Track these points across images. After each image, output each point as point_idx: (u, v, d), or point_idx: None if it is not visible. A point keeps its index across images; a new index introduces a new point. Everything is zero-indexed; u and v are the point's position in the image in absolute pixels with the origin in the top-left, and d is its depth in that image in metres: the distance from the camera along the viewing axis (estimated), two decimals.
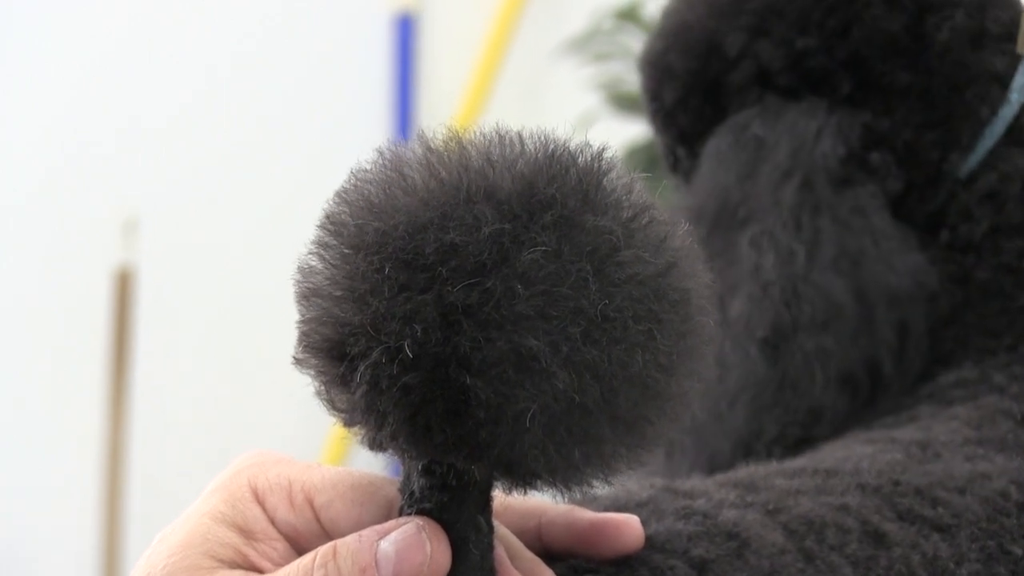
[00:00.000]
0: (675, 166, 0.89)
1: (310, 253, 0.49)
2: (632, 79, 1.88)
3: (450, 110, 2.39)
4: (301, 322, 0.48)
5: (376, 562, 0.50)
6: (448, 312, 0.46)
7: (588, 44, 2.18)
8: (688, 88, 0.86)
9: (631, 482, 0.61)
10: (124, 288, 2.33)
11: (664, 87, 0.87)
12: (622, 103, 2.06)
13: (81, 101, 2.43)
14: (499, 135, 0.49)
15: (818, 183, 0.80)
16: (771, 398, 0.77)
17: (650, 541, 0.56)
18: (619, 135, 1.93)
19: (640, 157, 1.86)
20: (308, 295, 0.48)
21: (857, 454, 0.66)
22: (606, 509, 0.58)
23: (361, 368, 0.46)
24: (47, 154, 2.43)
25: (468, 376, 0.46)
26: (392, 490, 0.53)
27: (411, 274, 0.46)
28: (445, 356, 0.46)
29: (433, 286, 0.46)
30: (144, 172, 2.45)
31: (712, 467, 0.75)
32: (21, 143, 2.42)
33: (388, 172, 0.49)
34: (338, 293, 0.47)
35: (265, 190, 2.48)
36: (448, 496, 0.50)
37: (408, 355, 0.46)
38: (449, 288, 0.46)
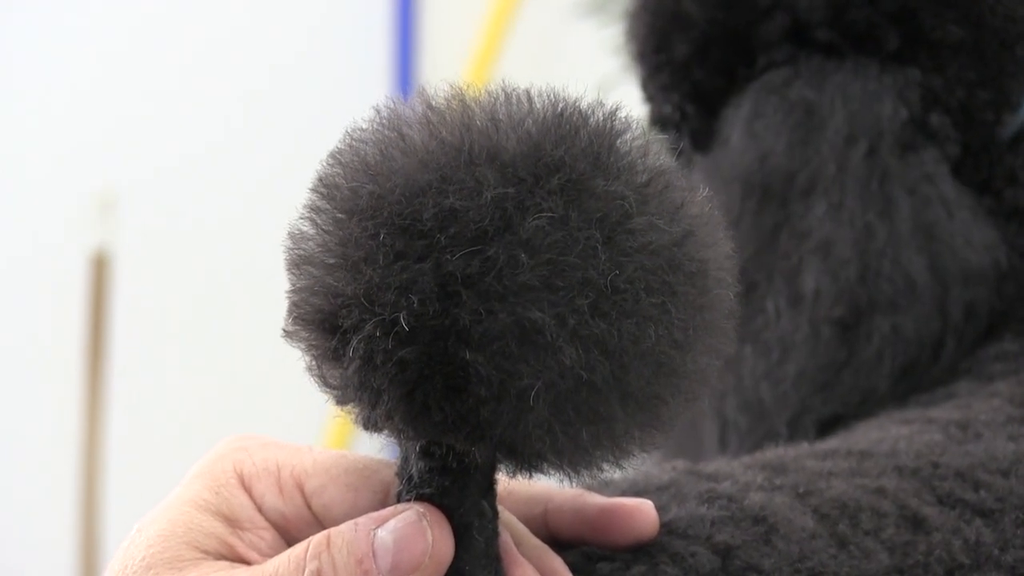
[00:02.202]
0: (678, 125, 0.89)
1: (301, 218, 0.50)
2: None
3: (455, 75, 2.39)
4: (291, 292, 0.50)
5: (373, 552, 0.51)
6: (447, 282, 0.47)
7: (608, 3, 2.18)
8: (708, 40, 0.86)
9: (652, 464, 0.62)
10: (100, 273, 2.35)
11: (674, 37, 0.87)
12: None
13: (54, 69, 2.44)
14: (505, 93, 0.50)
15: (883, 149, 0.81)
16: (832, 378, 0.78)
17: (671, 526, 0.57)
18: (641, 102, 1.94)
19: None
20: (299, 263, 0.49)
21: (893, 435, 0.68)
22: (623, 493, 0.59)
23: (354, 342, 0.48)
24: (16, 126, 2.44)
25: (468, 351, 0.47)
26: (389, 474, 0.54)
27: (408, 241, 0.47)
28: (443, 329, 0.47)
29: (431, 254, 0.47)
30: (123, 145, 2.46)
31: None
32: None
33: (386, 132, 0.50)
34: (330, 261, 0.48)
35: (255, 163, 2.49)
36: (449, 480, 0.51)
37: (404, 328, 0.47)
38: (448, 256, 0.47)
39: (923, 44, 0.83)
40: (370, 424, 0.50)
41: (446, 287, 0.47)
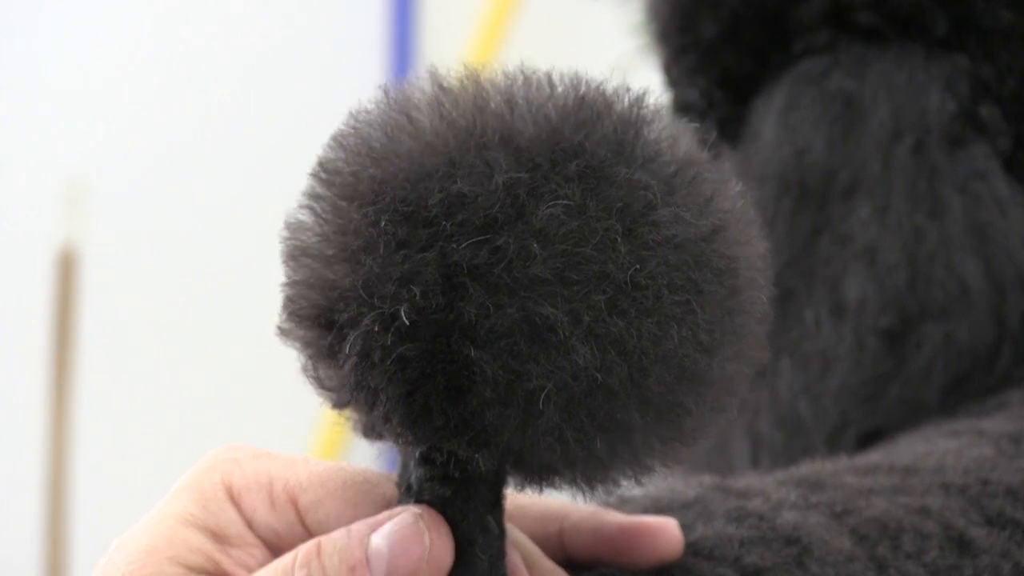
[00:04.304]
0: (704, 113, 0.90)
1: (300, 206, 0.50)
2: None
3: (457, 54, 2.40)
4: (287, 285, 0.50)
5: (367, 559, 0.51)
6: (452, 273, 0.47)
7: None
8: (739, 20, 0.87)
9: (677, 479, 0.62)
10: (67, 270, 2.35)
11: (702, 16, 0.88)
12: None
13: (17, 47, 2.45)
14: (524, 76, 0.51)
15: (930, 145, 0.82)
16: (878, 391, 0.79)
17: (696, 547, 0.58)
18: (659, 86, 1.94)
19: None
20: (296, 254, 0.50)
21: (940, 449, 0.68)
22: (645, 510, 0.59)
23: (351, 337, 0.48)
24: None
25: (473, 348, 0.47)
26: (390, 488, 0.54)
27: (411, 229, 0.48)
28: (447, 324, 0.48)
29: (436, 243, 0.48)
30: (93, 132, 2.47)
31: None
32: None
33: (393, 114, 0.50)
34: (329, 252, 0.49)
35: (236, 151, 2.50)
36: (450, 490, 0.52)
37: (404, 323, 0.47)
38: (454, 245, 0.47)
39: (973, 29, 0.83)
40: (368, 429, 0.51)
41: (451, 279, 0.48)
